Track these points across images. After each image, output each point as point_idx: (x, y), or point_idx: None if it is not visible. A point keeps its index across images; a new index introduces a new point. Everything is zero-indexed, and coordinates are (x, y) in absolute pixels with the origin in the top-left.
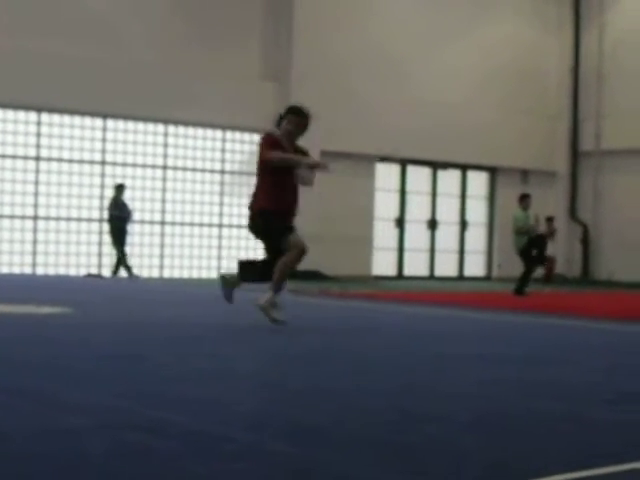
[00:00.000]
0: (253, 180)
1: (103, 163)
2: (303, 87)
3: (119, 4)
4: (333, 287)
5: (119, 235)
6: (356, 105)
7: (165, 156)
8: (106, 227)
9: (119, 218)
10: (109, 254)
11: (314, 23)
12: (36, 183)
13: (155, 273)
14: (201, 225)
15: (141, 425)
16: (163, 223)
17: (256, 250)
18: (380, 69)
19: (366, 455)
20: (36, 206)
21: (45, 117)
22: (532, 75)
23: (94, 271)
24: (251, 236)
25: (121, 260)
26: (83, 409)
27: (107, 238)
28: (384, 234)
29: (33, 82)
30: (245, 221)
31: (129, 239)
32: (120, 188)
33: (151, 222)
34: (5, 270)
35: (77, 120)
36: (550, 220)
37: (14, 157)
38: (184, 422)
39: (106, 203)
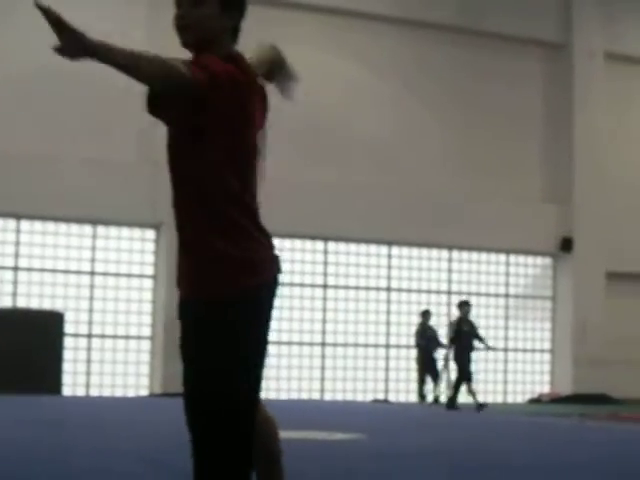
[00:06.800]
0: (536, 303)
1: (389, 289)
2: (586, 208)
3: (396, 133)
4: (622, 411)
5: (427, 363)
6: None
7: (449, 282)
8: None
9: (425, 348)
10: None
11: (595, 143)
12: (324, 310)
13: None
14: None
15: None
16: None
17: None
18: None
19: None
20: (324, 333)
21: (332, 245)
22: None
23: (381, 396)
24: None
25: (436, 388)
26: None
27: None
28: None
29: (317, 212)
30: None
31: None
32: (426, 314)
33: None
34: (294, 396)
35: (362, 248)
36: None
37: (302, 285)
38: None
39: (395, 329)
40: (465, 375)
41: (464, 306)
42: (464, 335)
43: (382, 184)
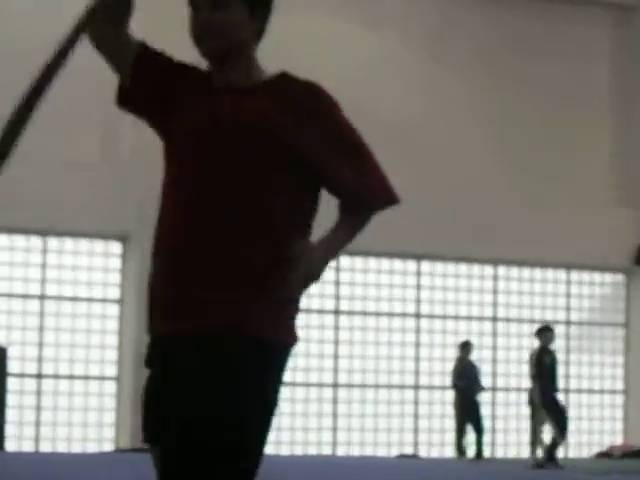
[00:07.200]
0: (605, 331)
1: (418, 316)
2: None
3: (425, 117)
4: None
5: (467, 408)
6: None
7: (495, 305)
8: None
9: (465, 390)
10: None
11: None
12: (336, 343)
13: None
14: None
15: None
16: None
17: None
18: None
19: None
20: (336, 371)
21: (346, 261)
22: None
23: (408, 450)
24: None
25: (479, 439)
26: None
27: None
28: None
29: (327, 219)
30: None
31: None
32: (466, 347)
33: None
34: (299, 451)
35: (385, 263)
36: None
37: (308, 311)
38: None
39: (426, 366)
40: (561, 420)
41: (545, 332)
42: (546, 369)
43: (409, 183)
